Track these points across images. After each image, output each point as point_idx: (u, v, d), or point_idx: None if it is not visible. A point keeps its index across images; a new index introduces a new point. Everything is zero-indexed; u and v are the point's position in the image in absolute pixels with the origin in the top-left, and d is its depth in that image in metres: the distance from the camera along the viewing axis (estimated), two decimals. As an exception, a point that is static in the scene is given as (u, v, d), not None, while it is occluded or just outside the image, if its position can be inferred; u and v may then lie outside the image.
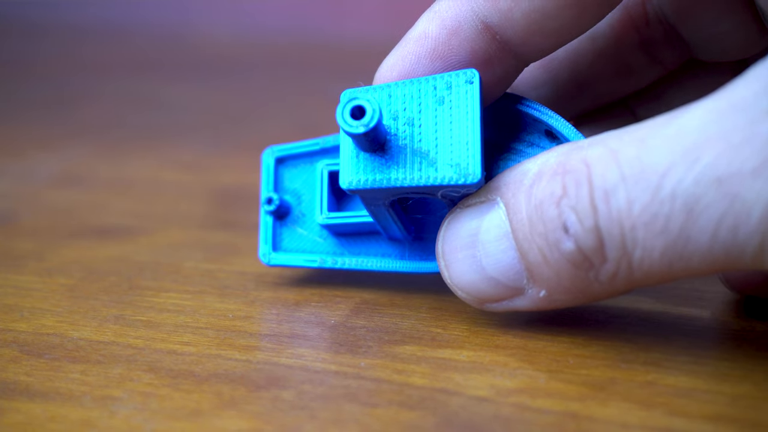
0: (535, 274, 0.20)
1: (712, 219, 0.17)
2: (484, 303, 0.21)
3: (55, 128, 0.42)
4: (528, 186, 0.20)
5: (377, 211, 0.23)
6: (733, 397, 0.19)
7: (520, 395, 0.20)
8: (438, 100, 0.21)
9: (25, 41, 0.58)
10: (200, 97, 0.47)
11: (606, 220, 0.18)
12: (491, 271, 0.21)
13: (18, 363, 0.22)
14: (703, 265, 0.18)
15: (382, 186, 0.21)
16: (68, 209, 0.33)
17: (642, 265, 0.18)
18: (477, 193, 0.21)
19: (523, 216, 0.20)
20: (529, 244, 0.20)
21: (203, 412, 0.19)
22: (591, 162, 0.18)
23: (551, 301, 0.20)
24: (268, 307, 0.25)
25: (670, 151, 0.17)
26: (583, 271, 0.19)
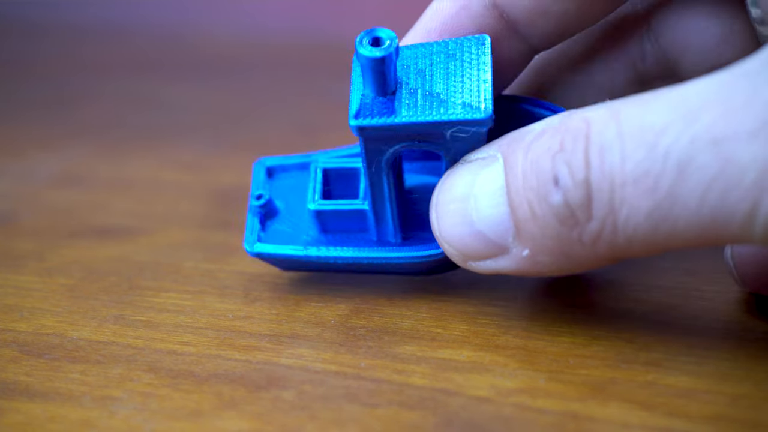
0: (522, 230, 0.20)
1: (703, 180, 0.17)
2: (468, 260, 0.21)
3: (55, 128, 0.42)
4: (528, 143, 0.20)
5: (376, 178, 0.23)
6: (734, 397, 0.19)
7: (520, 395, 0.20)
8: (449, 57, 0.22)
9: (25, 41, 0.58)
10: (200, 97, 0.47)
11: (598, 174, 0.18)
12: (480, 225, 0.20)
13: (18, 363, 0.22)
14: (689, 231, 0.17)
15: (393, 123, 0.21)
16: (68, 209, 0.33)
17: (627, 225, 0.18)
18: (479, 150, 0.21)
19: (519, 170, 0.19)
20: (519, 199, 0.19)
21: (203, 413, 0.19)
22: (592, 120, 0.18)
23: (534, 263, 0.20)
24: (268, 307, 0.25)
25: (670, 111, 0.17)
26: (567, 228, 0.19)
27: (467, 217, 0.21)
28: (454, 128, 0.21)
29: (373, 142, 0.22)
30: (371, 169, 0.23)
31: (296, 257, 0.24)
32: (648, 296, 0.25)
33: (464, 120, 0.21)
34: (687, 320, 0.23)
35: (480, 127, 0.21)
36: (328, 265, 0.25)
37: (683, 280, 0.25)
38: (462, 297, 0.25)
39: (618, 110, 0.18)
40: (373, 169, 0.22)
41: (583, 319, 0.23)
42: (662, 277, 0.26)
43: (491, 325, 0.23)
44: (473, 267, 0.21)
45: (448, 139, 0.21)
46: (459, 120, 0.21)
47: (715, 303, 0.24)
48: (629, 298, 0.24)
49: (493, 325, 0.23)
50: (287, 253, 0.24)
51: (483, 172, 0.20)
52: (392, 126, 0.21)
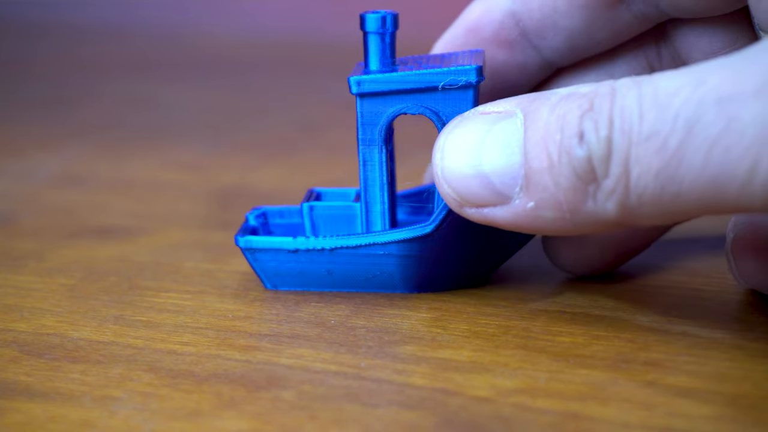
0: (533, 181, 0.20)
1: (708, 138, 0.18)
2: (464, 205, 0.21)
3: (55, 128, 0.42)
4: (554, 101, 0.20)
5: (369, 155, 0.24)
6: (733, 396, 0.19)
7: (520, 395, 0.20)
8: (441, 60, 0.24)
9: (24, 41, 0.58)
10: (200, 97, 0.47)
11: (618, 133, 0.19)
12: (488, 170, 0.21)
13: (18, 363, 0.22)
14: (693, 193, 0.18)
15: (390, 76, 0.23)
16: (68, 209, 0.33)
17: (638, 185, 0.19)
18: (494, 103, 0.21)
19: (542, 124, 0.20)
20: (538, 150, 0.20)
21: (203, 413, 0.19)
22: (618, 86, 0.19)
23: (534, 217, 0.20)
24: (268, 307, 0.25)
25: (683, 77, 0.18)
26: (583, 183, 0.19)
27: (476, 159, 0.21)
28: (446, 79, 0.23)
29: (369, 104, 0.23)
30: (365, 142, 0.24)
31: (285, 249, 0.25)
32: (648, 296, 0.25)
33: (456, 69, 0.23)
34: (687, 320, 0.23)
35: (470, 77, 0.23)
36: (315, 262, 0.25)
37: (683, 280, 0.25)
38: (462, 297, 0.25)
39: (640, 79, 0.19)
40: (368, 141, 0.24)
41: (583, 319, 0.23)
42: (662, 277, 0.26)
43: (491, 325, 0.23)
44: (468, 213, 0.21)
45: (440, 94, 0.23)
46: (451, 70, 0.23)
47: (715, 303, 0.24)
48: (630, 298, 0.24)
49: (493, 325, 0.23)
50: (276, 247, 0.25)
51: (500, 123, 0.21)
52: (389, 79, 0.23)
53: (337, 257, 0.24)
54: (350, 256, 0.24)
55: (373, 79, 0.23)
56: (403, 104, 0.24)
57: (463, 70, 0.23)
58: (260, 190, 0.36)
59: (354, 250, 0.24)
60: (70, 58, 0.54)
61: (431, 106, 0.23)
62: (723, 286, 0.25)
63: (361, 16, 0.24)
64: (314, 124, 0.43)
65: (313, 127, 0.43)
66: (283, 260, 0.25)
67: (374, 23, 0.24)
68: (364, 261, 0.24)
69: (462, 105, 0.23)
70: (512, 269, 0.26)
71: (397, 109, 0.24)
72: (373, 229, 0.25)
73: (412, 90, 0.23)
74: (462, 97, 0.23)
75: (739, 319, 0.24)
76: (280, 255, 0.25)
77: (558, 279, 0.26)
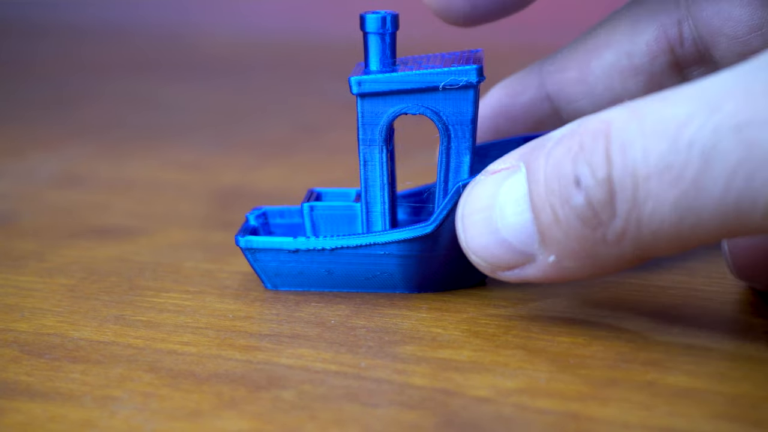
0: (546, 236, 0.20)
1: (728, 166, 0.17)
2: (496, 269, 0.21)
3: (55, 128, 0.42)
4: (549, 148, 0.20)
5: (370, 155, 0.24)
6: (734, 397, 0.19)
7: (520, 395, 0.20)
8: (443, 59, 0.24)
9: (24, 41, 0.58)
10: (200, 97, 0.47)
11: (620, 170, 0.18)
12: (505, 233, 0.21)
13: (18, 363, 0.22)
14: (714, 221, 0.18)
15: (390, 76, 0.23)
16: (69, 209, 0.33)
17: (653, 219, 0.18)
18: (501, 160, 0.21)
19: (541, 176, 0.20)
20: (542, 204, 0.20)
21: (203, 413, 0.19)
22: (611, 119, 0.19)
23: (560, 269, 0.20)
24: (268, 307, 0.25)
25: (692, 103, 0.18)
26: (590, 229, 0.19)
27: (492, 226, 0.21)
28: (447, 79, 0.23)
29: (369, 104, 0.24)
30: (366, 142, 0.24)
31: (286, 250, 0.24)
32: (648, 296, 0.25)
33: (456, 70, 0.23)
34: (687, 320, 0.23)
35: (470, 77, 0.23)
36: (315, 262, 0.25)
37: (683, 280, 0.25)
38: (462, 297, 0.25)
39: (637, 108, 0.18)
40: (368, 141, 0.24)
41: (583, 319, 0.23)
42: (662, 277, 0.26)
43: (491, 325, 0.23)
44: (502, 277, 0.21)
45: (440, 94, 0.23)
46: (451, 70, 0.23)
47: (715, 303, 0.24)
48: (629, 298, 0.24)
49: (493, 325, 0.23)
50: (278, 247, 0.25)
51: (507, 181, 0.21)
52: (390, 79, 0.23)
53: (337, 257, 0.24)
54: (351, 256, 0.24)
55: (374, 80, 0.23)
56: (404, 104, 0.24)
57: (464, 70, 0.23)
58: (260, 190, 0.36)
59: (354, 250, 0.24)
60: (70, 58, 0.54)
61: (432, 106, 0.24)
62: (723, 286, 0.25)
63: (361, 16, 0.24)
64: (314, 125, 0.43)
65: (313, 127, 0.43)
66: (283, 260, 0.25)
67: (374, 23, 0.24)
68: (364, 261, 0.24)
69: (463, 105, 0.23)
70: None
71: (397, 110, 0.24)
72: (374, 229, 0.25)
73: (413, 90, 0.23)
74: (463, 97, 0.23)
75: (739, 319, 0.24)
76: (281, 255, 0.25)
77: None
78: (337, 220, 0.26)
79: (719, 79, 0.18)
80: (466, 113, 0.24)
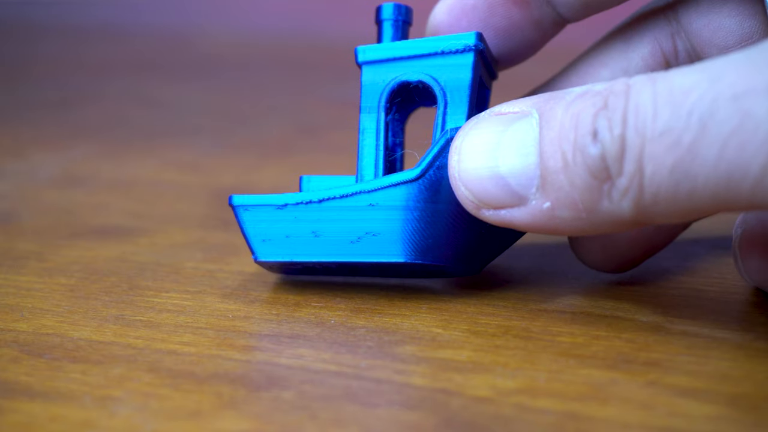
0: (548, 181, 0.20)
1: (722, 134, 0.18)
2: (482, 207, 0.21)
3: (56, 128, 0.42)
4: (569, 100, 0.20)
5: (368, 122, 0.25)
6: (734, 396, 0.19)
7: (520, 395, 0.20)
8: None
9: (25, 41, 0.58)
10: (200, 97, 0.47)
11: (632, 130, 0.19)
12: (504, 171, 0.21)
13: (18, 363, 0.22)
14: (707, 189, 0.18)
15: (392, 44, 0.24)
16: (69, 209, 0.33)
17: (652, 182, 0.19)
18: (510, 103, 0.22)
19: (557, 123, 0.20)
20: (553, 149, 0.20)
21: (203, 413, 0.19)
22: (633, 82, 0.19)
23: (551, 217, 0.20)
24: (268, 307, 0.25)
25: (698, 74, 0.18)
26: (598, 181, 0.19)
27: (492, 161, 0.21)
28: (446, 43, 0.24)
29: (371, 72, 0.25)
30: (365, 110, 0.25)
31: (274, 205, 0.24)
32: (648, 296, 0.25)
33: (455, 36, 0.24)
34: (687, 320, 0.23)
35: (468, 40, 0.24)
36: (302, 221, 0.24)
37: (683, 280, 0.25)
38: (462, 297, 0.25)
39: (656, 75, 0.19)
40: (367, 108, 0.25)
41: (583, 319, 0.23)
42: (662, 277, 0.26)
43: (491, 325, 0.23)
44: (486, 215, 0.21)
45: (439, 59, 0.24)
46: (450, 36, 0.24)
47: (716, 303, 0.24)
48: (630, 298, 0.24)
49: (493, 325, 0.23)
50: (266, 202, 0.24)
51: (516, 123, 0.21)
52: (391, 47, 0.24)
53: (324, 213, 0.24)
54: (337, 211, 0.23)
55: (377, 48, 0.25)
56: (404, 71, 0.24)
57: (463, 36, 0.24)
58: (260, 190, 0.36)
59: (340, 201, 0.23)
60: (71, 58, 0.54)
61: (431, 72, 0.24)
62: (723, 286, 0.25)
63: (378, 6, 0.25)
64: (314, 125, 0.43)
65: (313, 127, 0.43)
66: (271, 219, 0.24)
67: (389, 10, 0.25)
68: (351, 216, 0.23)
69: (461, 71, 0.24)
70: (512, 269, 0.26)
71: (397, 76, 0.24)
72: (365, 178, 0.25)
73: (413, 56, 0.24)
74: (461, 63, 0.24)
75: (740, 318, 0.24)
76: (270, 212, 0.24)
77: (558, 279, 0.26)
78: None
79: (730, 56, 0.18)
80: (464, 78, 0.24)
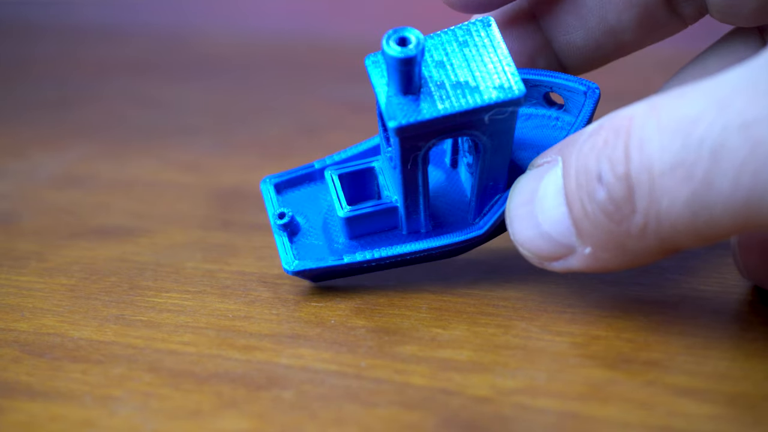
0: (580, 229, 0.20)
1: (735, 163, 0.17)
2: (543, 261, 0.22)
3: (56, 128, 0.42)
4: (580, 143, 0.20)
5: (411, 175, 0.23)
6: (733, 396, 0.19)
7: (520, 395, 0.20)
8: (461, 44, 0.22)
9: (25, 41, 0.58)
10: (200, 97, 0.47)
11: (637, 167, 0.19)
12: (546, 227, 0.21)
13: (19, 363, 0.22)
14: (726, 216, 0.18)
15: (432, 117, 0.21)
16: (69, 209, 0.33)
17: (669, 215, 0.18)
18: (544, 154, 0.22)
19: (572, 171, 0.20)
20: (573, 198, 0.20)
21: (203, 412, 0.19)
22: (634, 115, 0.19)
23: (597, 259, 0.20)
24: (268, 307, 0.25)
25: (703, 101, 0.18)
26: (615, 224, 0.19)
27: (534, 219, 0.21)
28: (491, 112, 0.21)
29: (410, 141, 0.22)
30: (406, 166, 0.23)
31: (335, 267, 0.24)
32: (648, 296, 0.25)
33: (501, 101, 0.21)
34: (687, 320, 0.23)
35: (516, 106, 0.21)
36: (364, 269, 0.25)
37: (683, 280, 0.26)
38: (462, 297, 0.25)
39: (657, 104, 0.19)
40: (408, 166, 0.23)
41: (583, 319, 0.23)
42: (662, 277, 0.26)
43: (491, 325, 0.23)
44: (549, 267, 0.22)
45: (486, 124, 0.22)
46: (496, 102, 0.21)
47: (715, 303, 0.24)
48: (629, 298, 0.24)
49: (493, 325, 0.23)
50: (327, 265, 0.24)
51: (547, 174, 0.21)
52: (432, 121, 0.21)
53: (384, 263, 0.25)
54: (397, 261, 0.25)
55: (416, 123, 0.21)
56: (447, 134, 0.22)
57: (510, 100, 0.21)
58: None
59: (403, 256, 0.24)
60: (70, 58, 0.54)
61: (477, 130, 0.22)
62: (723, 285, 0.25)
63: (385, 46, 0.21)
64: (314, 125, 0.43)
65: (313, 128, 0.43)
66: (329, 272, 0.25)
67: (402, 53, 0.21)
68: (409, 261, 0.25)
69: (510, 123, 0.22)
70: (512, 269, 0.26)
71: (439, 139, 0.22)
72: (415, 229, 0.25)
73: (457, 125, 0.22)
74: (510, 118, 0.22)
75: (739, 318, 0.24)
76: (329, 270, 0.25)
77: (558, 279, 0.26)
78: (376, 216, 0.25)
79: (730, 77, 0.18)
80: (508, 130, 0.22)
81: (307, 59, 0.53)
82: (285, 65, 0.52)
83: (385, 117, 0.21)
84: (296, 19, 0.61)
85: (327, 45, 0.54)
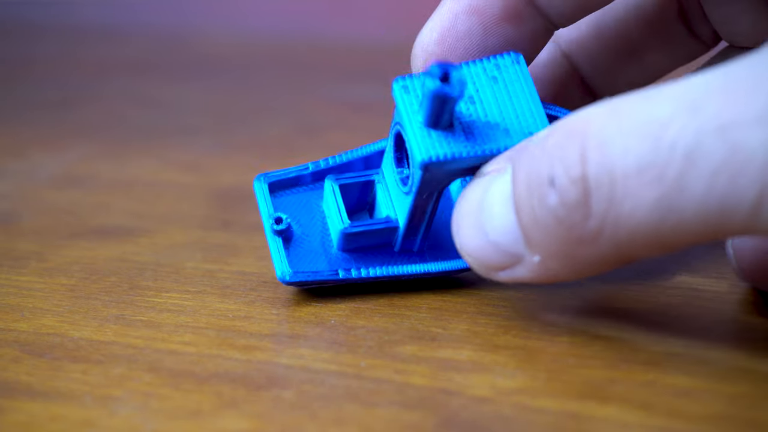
0: (529, 237, 0.20)
1: (711, 166, 0.17)
2: (489, 270, 0.21)
3: (56, 128, 0.42)
4: (532, 149, 0.20)
5: (423, 205, 0.23)
6: (733, 396, 0.19)
7: (520, 395, 0.20)
8: (491, 79, 0.22)
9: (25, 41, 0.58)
10: (200, 97, 0.47)
11: (596, 169, 0.18)
12: (493, 235, 0.20)
13: (19, 363, 0.22)
14: (696, 222, 0.17)
15: (463, 156, 0.21)
16: (69, 209, 0.33)
17: (630, 219, 0.18)
18: (493, 161, 0.21)
19: (522, 176, 0.19)
20: (523, 204, 0.19)
21: (203, 412, 0.19)
22: (591, 118, 0.18)
23: (546, 269, 0.20)
24: (268, 307, 0.25)
25: (674, 103, 0.17)
26: (566, 229, 0.19)
27: (481, 228, 0.21)
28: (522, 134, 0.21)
29: (434, 175, 0.22)
30: (421, 197, 0.23)
31: (329, 281, 0.24)
32: (648, 296, 0.25)
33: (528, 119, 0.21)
34: (687, 320, 0.23)
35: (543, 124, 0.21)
36: (356, 284, 0.25)
37: (683, 280, 0.26)
38: (462, 297, 0.25)
39: (618, 106, 0.18)
40: (425, 196, 0.23)
41: (583, 319, 0.23)
42: (662, 277, 0.26)
43: (491, 325, 0.23)
44: (496, 278, 0.21)
45: None
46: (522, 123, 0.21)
47: (715, 303, 0.24)
48: (629, 298, 0.24)
49: (493, 325, 0.23)
50: (322, 279, 0.24)
51: (494, 182, 0.21)
52: (461, 159, 0.21)
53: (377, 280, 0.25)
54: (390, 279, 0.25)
55: (444, 160, 0.21)
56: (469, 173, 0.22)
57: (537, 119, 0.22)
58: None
59: (398, 276, 0.24)
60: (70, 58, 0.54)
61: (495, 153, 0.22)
62: (723, 286, 0.25)
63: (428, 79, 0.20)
64: (314, 125, 0.43)
65: (313, 128, 0.43)
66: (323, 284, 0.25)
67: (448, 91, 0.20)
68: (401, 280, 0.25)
69: None
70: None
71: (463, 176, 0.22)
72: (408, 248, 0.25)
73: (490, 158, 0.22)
74: None
75: (739, 319, 0.24)
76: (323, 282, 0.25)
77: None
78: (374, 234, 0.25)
79: (701, 80, 0.18)
80: None
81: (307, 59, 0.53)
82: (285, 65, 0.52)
83: (414, 150, 0.21)
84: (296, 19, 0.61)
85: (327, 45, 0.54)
